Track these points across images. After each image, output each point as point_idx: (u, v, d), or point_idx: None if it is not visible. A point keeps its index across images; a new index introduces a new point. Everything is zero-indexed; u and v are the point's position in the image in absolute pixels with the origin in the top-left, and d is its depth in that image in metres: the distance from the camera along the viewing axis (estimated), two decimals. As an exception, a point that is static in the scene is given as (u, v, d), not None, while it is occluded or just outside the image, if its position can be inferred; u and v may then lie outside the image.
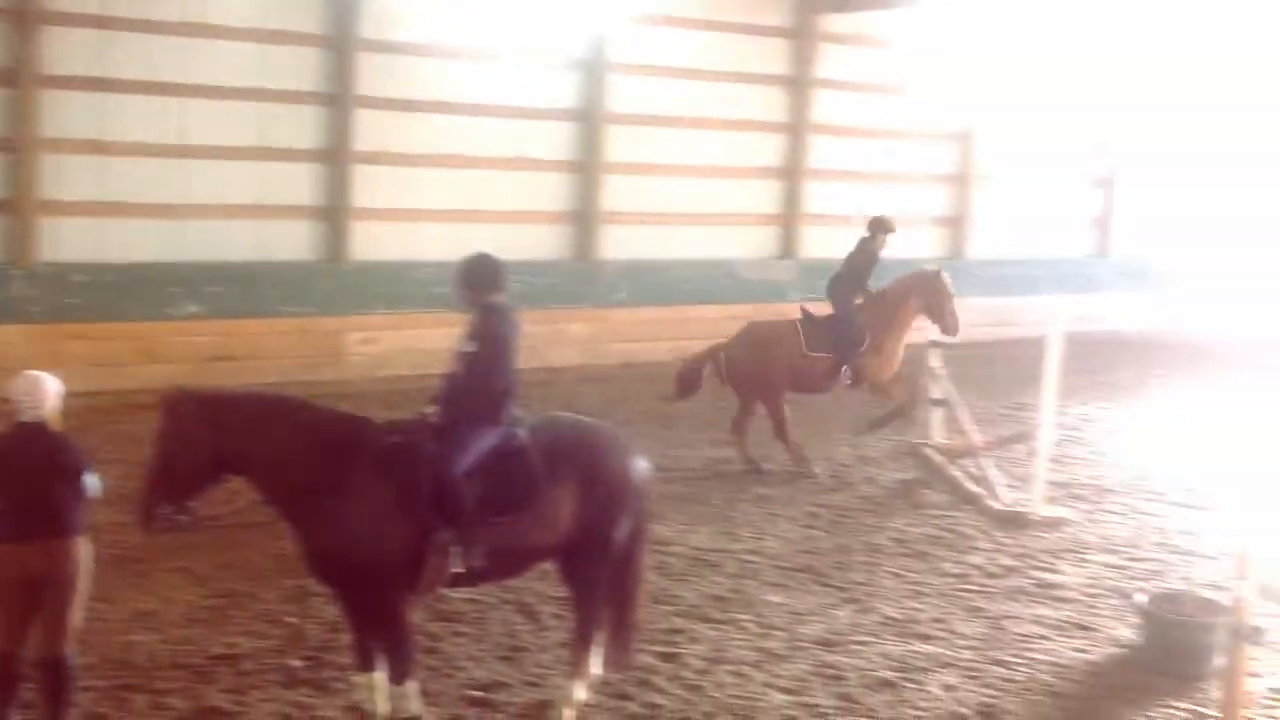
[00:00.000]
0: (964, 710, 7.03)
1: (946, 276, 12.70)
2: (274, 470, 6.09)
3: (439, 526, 6.14)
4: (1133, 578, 9.35)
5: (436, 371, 6.69)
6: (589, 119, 17.57)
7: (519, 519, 6.26)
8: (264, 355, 15.03)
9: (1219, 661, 7.17)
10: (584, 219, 17.76)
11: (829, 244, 20.10)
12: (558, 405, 13.85)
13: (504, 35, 16.64)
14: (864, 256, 12.82)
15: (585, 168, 17.65)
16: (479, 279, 6.58)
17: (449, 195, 16.69)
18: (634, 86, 17.94)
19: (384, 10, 15.80)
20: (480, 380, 6.36)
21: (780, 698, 7.07)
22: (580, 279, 17.69)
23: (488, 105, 16.76)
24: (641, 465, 6.72)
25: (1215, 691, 7.06)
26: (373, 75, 15.86)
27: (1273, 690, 7.31)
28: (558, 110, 17.42)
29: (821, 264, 19.83)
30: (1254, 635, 6.61)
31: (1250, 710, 6.74)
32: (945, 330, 12.56)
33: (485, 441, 6.30)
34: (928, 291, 12.62)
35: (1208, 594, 8.04)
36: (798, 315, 12.94)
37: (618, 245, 18.20)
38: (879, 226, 12.86)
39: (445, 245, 16.06)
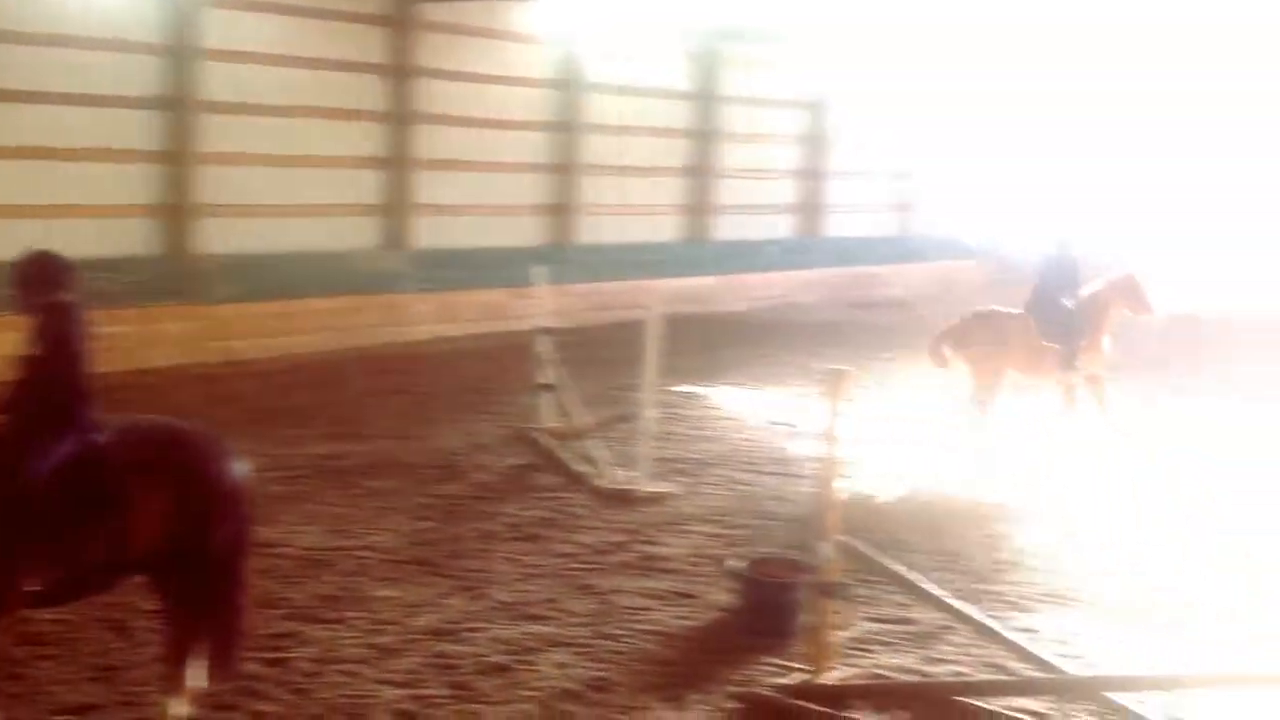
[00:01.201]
0: (575, 686, 7.19)
1: (1138, 275, 13.93)
2: None
3: (9, 543, 5.70)
4: (730, 545, 9.84)
5: (3, 379, 6.21)
6: (179, 107, 16.77)
7: (102, 531, 5.90)
8: None
9: (806, 617, 7.63)
10: (178, 212, 16.95)
11: (440, 233, 20.18)
12: (156, 408, 13.18)
13: (82, 19, 15.63)
14: (1060, 269, 13.76)
15: (177, 159, 16.86)
16: (37, 278, 6.12)
17: (23, 189, 15.52)
18: (227, 74, 17.29)
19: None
20: (46, 385, 5.94)
21: (392, 692, 7.00)
22: (177, 274, 16.88)
23: (65, 94, 15.70)
24: (238, 466, 6.46)
25: (803, 645, 7.51)
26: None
27: (854, 640, 7.87)
28: (145, 99, 16.54)
29: (433, 253, 19.89)
30: (836, 591, 7.10)
31: (834, 660, 7.23)
32: (1145, 313, 13.86)
33: (58, 450, 5.90)
34: (1127, 290, 13.80)
35: (795, 555, 8.54)
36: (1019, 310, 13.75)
37: (219, 239, 17.50)
38: (1061, 241, 13.99)
39: (29, 241, 14.92)
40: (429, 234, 20.03)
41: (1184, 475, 12.38)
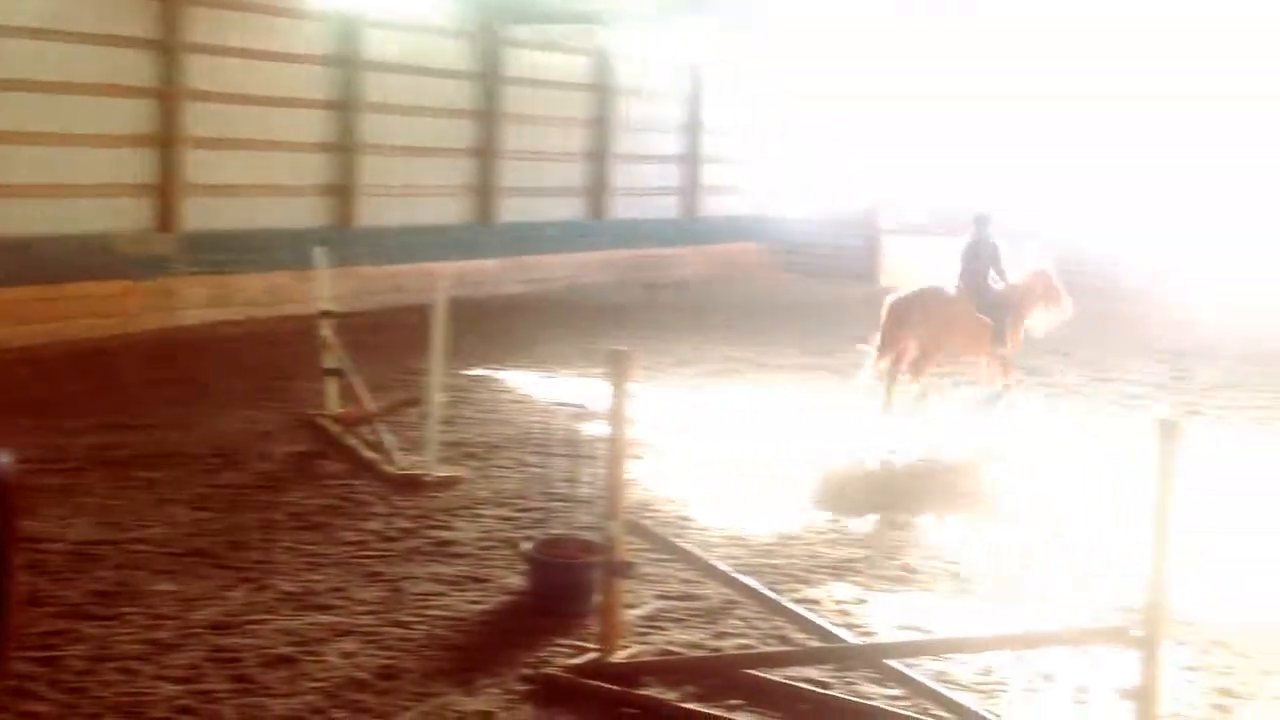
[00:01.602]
0: (363, 675, 7.07)
1: (1052, 270, 14.68)
2: None
3: None
4: (521, 527, 9.84)
5: None
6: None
7: None
8: None
9: (597, 597, 7.69)
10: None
11: (214, 214, 19.51)
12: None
13: None
14: (978, 251, 14.40)
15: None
16: None
17: None
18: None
19: None
20: None
21: (171, 689, 6.75)
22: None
23: None
24: (2, 457, 6.10)
25: (595, 625, 7.56)
26: None
27: (643, 618, 7.98)
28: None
29: (207, 236, 19.23)
30: (625, 570, 7.17)
31: (625, 639, 7.32)
32: (1057, 306, 14.42)
33: None
34: (1045, 282, 14.44)
35: (586, 536, 8.59)
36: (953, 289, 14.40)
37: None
38: (981, 221, 14.50)
39: None
40: (202, 215, 19.35)
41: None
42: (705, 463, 12.14)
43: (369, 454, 11.55)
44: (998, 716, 6.46)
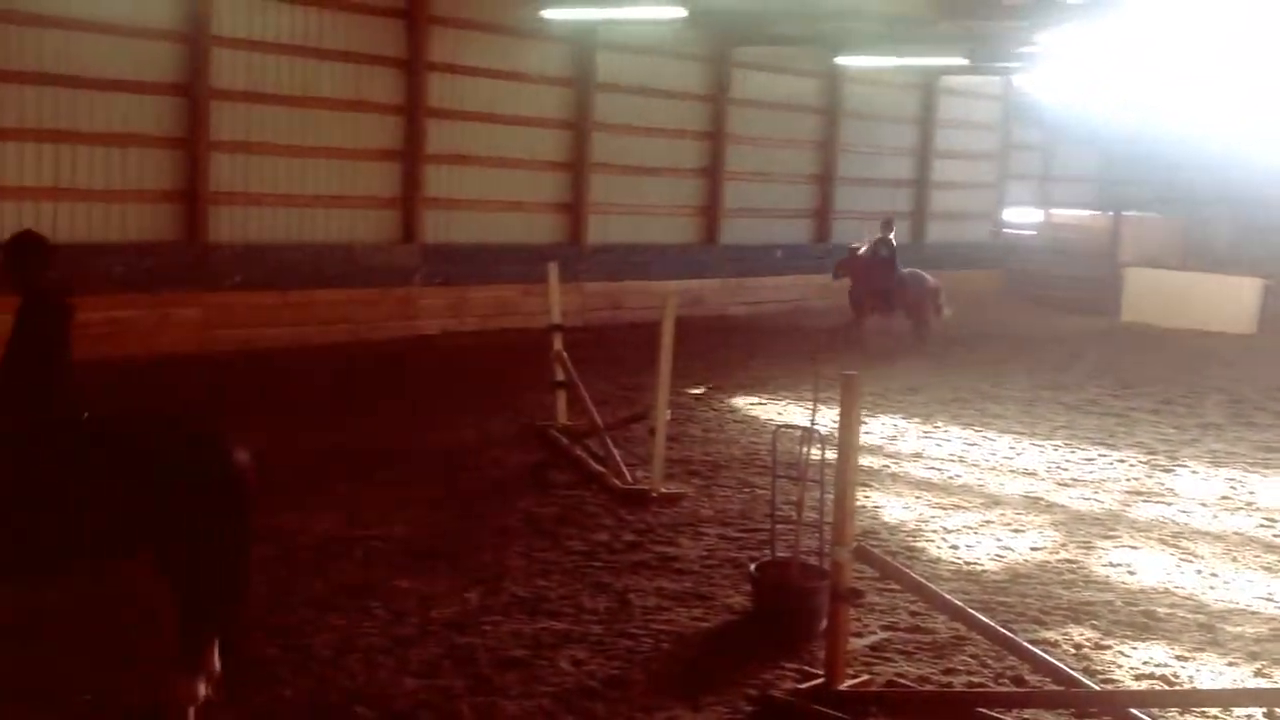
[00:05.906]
0: (592, 683, 7.16)
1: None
2: None
3: None
4: (745, 548, 9.81)
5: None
6: (191, 94, 16.77)
7: (52, 514, 5.77)
8: None
9: (823, 623, 7.59)
10: (190, 199, 16.94)
11: (449, 227, 20.16)
12: (168, 394, 13.26)
13: (96, 3, 15.71)
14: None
15: (189, 145, 16.84)
16: (14, 259, 6.02)
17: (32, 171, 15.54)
18: (240, 62, 17.29)
19: None
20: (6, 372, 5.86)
21: (412, 682, 6.97)
22: (190, 261, 16.87)
23: (71, 75, 15.73)
24: (238, 454, 6.23)
25: (820, 651, 7.47)
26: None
27: (870, 647, 7.84)
28: (158, 84, 16.54)
29: (444, 247, 19.86)
30: (853, 597, 7.06)
31: (852, 667, 7.21)
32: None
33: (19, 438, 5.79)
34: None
35: (812, 560, 8.50)
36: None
37: (232, 227, 17.50)
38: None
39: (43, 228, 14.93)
40: (440, 228, 20.02)
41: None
42: (935, 492, 11.88)
43: (596, 466, 11.71)
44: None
